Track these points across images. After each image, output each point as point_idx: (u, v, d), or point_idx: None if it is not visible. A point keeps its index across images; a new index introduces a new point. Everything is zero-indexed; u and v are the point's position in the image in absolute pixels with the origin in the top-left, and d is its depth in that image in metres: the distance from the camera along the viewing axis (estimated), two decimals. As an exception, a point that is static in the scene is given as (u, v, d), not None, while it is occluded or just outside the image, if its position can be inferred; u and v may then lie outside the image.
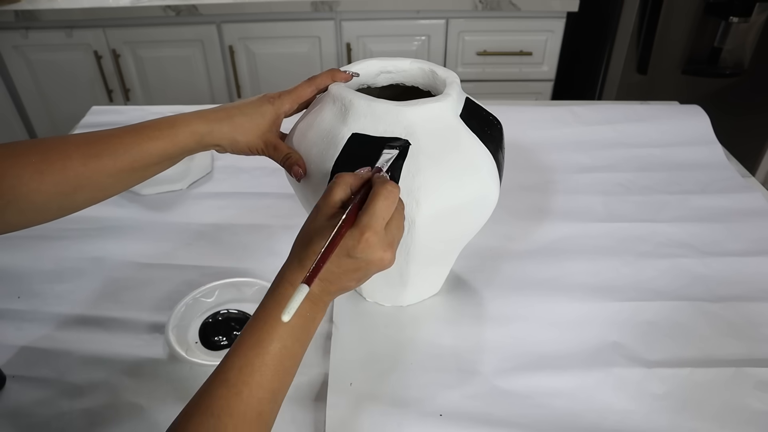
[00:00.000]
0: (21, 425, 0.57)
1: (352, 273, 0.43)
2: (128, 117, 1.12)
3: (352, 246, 0.41)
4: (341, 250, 0.42)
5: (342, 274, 0.43)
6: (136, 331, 0.67)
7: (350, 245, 0.42)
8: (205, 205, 0.89)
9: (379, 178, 0.46)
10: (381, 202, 0.42)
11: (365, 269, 0.43)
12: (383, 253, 0.43)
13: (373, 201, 0.43)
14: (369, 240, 0.41)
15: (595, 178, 0.94)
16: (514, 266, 0.76)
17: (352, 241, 0.41)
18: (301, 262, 0.43)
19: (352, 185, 0.46)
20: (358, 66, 0.64)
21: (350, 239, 0.41)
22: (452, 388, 0.60)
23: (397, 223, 0.45)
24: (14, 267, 0.77)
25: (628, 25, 1.58)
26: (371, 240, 0.41)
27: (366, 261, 0.42)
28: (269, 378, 0.41)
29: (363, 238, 0.41)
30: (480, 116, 0.61)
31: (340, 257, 0.42)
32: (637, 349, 0.64)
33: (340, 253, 0.42)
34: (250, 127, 0.57)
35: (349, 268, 0.43)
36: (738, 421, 0.56)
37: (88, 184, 0.51)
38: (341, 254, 0.42)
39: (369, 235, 0.41)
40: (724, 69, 1.57)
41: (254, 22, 1.71)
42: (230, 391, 0.40)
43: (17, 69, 1.79)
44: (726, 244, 0.79)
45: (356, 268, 0.43)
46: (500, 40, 1.71)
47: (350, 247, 0.42)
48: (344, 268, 0.43)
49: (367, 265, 0.43)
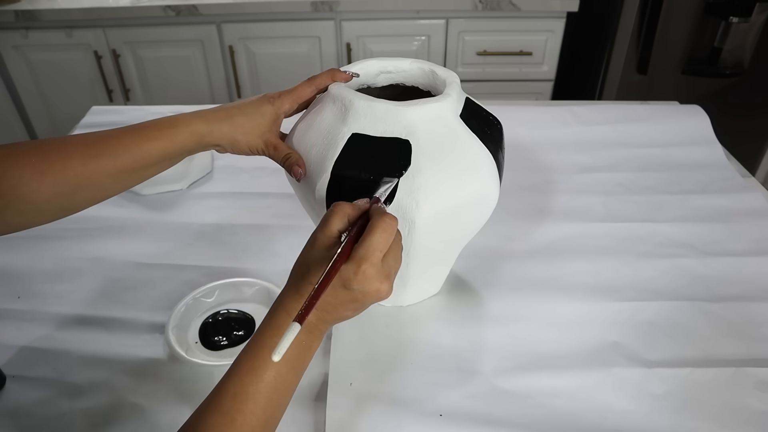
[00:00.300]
0: (21, 425, 0.57)
1: (349, 304, 0.44)
2: (128, 117, 1.12)
3: (348, 278, 0.42)
4: (338, 282, 0.42)
5: (339, 304, 0.43)
6: (136, 331, 0.67)
7: (347, 277, 0.42)
8: (205, 205, 0.89)
9: (377, 209, 0.47)
10: (378, 235, 0.43)
11: (362, 300, 0.44)
12: (380, 284, 0.43)
13: (371, 233, 0.43)
14: (366, 272, 0.42)
15: (595, 178, 0.93)
16: (514, 266, 0.76)
17: (349, 273, 0.42)
18: (298, 290, 0.44)
19: (349, 215, 0.46)
20: (358, 66, 0.64)
21: (347, 271, 0.42)
22: (452, 388, 0.60)
23: (395, 254, 0.45)
24: (14, 267, 0.77)
25: (628, 25, 1.58)
26: (368, 272, 0.42)
27: (363, 293, 0.43)
28: (263, 406, 0.41)
29: (360, 271, 0.41)
30: (480, 116, 0.61)
31: (337, 288, 0.42)
32: (637, 349, 0.64)
33: (336, 285, 0.42)
34: (250, 127, 0.57)
35: (345, 299, 0.43)
36: (738, 421, 0.56)
37: (88, 184, 0.51)
38: (338, 285, 0.42)
39: (366, 268, 0.41)
40: (724, 69, 1.57)
41: (254, 22, 1.71)
42: (224, 419, 0.40)
43: (17, 69, 1.79)
44: (726, 244, 0.79)
45: (353, 299, 0.43)
46: (500, 40, 1.71)
47: (347, 279, 0.42)
48: (341, 299, 0.43)
49: (363, 296, 0.43)
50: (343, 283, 0.42)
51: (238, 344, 0.65)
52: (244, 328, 0.67)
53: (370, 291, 0.43)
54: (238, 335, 0.66)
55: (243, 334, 0.66)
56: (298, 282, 0.44)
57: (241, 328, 0.67)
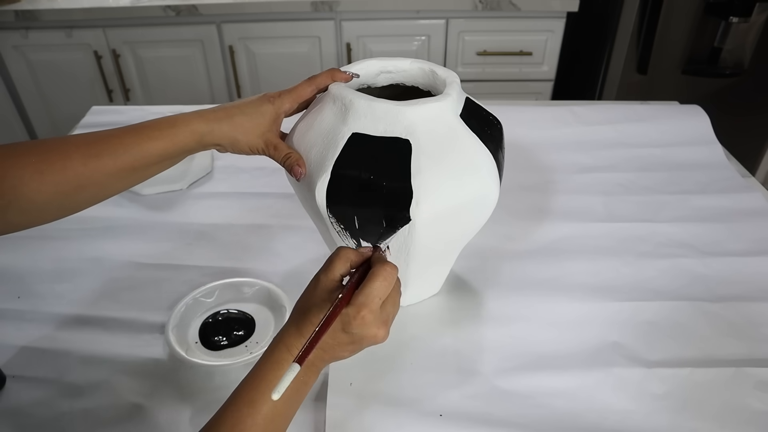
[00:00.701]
0: (21, 425, 0.57)
1: (346, 345, 0.46)
2: (128, 117, 1.12)
3: (347, 322, 0.44)
4: (338, 324, 0.44)
5: (336, 345, 0.46)
6: (136, 331, 0.67)
7: (346, 321, 0.44)
8: (205, 205, 0.89)
9: (379, 257, 0.50)
10: (379, 282, 0.45)
11: (359, 343, 0.46)
12: (377, 330, 0.45)
13: (371, 281, 0.45)
14: (365, 318, 0.44)
15: (595, 178, 0.93)
16: (514, 266, 0.76)
17: (348, 317, 0.44)
18: (299, 329, 0.46)
19: (352, 261, 0.49)
20: (358, 66, 0.64)
21: (347, 316, 0.44)
22: (452, 388, 0.60)
23: (393, 300, 0.47)
24: (14, 267, 0.77)
25: (628, 25, 1.58)
26: (367, 318, 0.44)
27: (360, 337, 0.45)
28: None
29: (359, 316, 0.44)
30: (480, 116, 0.61)
31: (336, 331, 0.45)
32: (637, 349, 0.64)
33: (336, 327, 0.45)
34: (250, 126, 0.57)
35: (343, 341, 0.46)
36: (738, 421, 0.56)
37: (88, 184, 0.51)
38: (337, 328, 0.45)
39: (365, 313, 0.44)
40: (724, 69, 1.57)
41: (254, 22, 1.70)
42: None
43: (17, 69, 1.79)
44: (726, 244, 0.79)
45: (350, 342, 0.46)
46: (500, 40, 1.71)
47: (346, 323, 0.44)
48: (339, 340, 0.46)
49: (360, 340, 0.46)
50: (343, 326, 0.45)
51: (238, 344, 0.65)
52: (244, 328, 0.67)
53: (368, 335, 0.45)
54: (238, 335, 0.66)
55: (243, 334, 0.66)
56: (299, 320, 0.46)
57: (241, 328, 0.67)
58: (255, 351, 0.63)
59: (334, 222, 0.57)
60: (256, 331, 0.67)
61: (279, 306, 0.69)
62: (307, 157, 0.57)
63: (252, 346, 0.65)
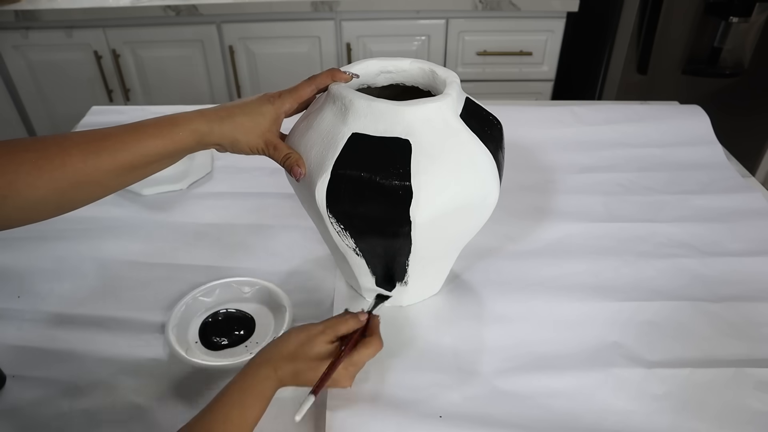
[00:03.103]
0: (21, 425, 0.57)
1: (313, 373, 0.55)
2: (128, 117, 1.12)
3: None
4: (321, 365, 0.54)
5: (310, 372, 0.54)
6: (136, 331, 0.67)
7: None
8: (205, 205, 0.89)
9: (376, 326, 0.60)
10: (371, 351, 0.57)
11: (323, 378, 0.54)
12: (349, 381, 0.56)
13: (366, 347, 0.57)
14: (349, 371, 0.56)
15: (596, 178, 0.93)
16: (514, 266, 0.76)
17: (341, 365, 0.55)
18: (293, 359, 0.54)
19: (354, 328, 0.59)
20: (358, 66, 0.64)
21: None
22: (452, 389, 0.60)
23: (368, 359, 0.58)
24: (14, 267, 0.77)
25: (628, 25, 1.58)
26: (350, 371, 0.56)
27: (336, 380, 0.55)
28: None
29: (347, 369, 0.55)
30: (480, 116, 0.61)
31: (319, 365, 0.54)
32: (637, 349, 0.64)
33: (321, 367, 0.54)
34: (250, 126, 0.57)
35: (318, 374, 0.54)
36: (738, 422, 0.56)
37: (86, 181, 0.50)
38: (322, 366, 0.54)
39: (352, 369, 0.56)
40: (724, 69, 1.57)
41: (254, 22, 1.70)
42: None
43: (17, 69, 1.79)
44: (726, 244, 0.79)
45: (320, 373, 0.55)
46: (500, 40, 1.71)
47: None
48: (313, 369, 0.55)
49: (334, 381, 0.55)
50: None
51: (237, 344, 0.65)
52: (244, 327, 0.67)
53: (339, 380, 0.55)
54: (238, 335, 0.66)
55: (243, 334, 0.66)
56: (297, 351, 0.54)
57: (241, 328, 0.67)
58: (255, 351, 0.63)
59: (334, 222, 0.57)
60: (256, 331, 0.67)
61: (279, 306, 0.69)
62: (307, 157, 0.57)
63: (252, 346, 0.65)
